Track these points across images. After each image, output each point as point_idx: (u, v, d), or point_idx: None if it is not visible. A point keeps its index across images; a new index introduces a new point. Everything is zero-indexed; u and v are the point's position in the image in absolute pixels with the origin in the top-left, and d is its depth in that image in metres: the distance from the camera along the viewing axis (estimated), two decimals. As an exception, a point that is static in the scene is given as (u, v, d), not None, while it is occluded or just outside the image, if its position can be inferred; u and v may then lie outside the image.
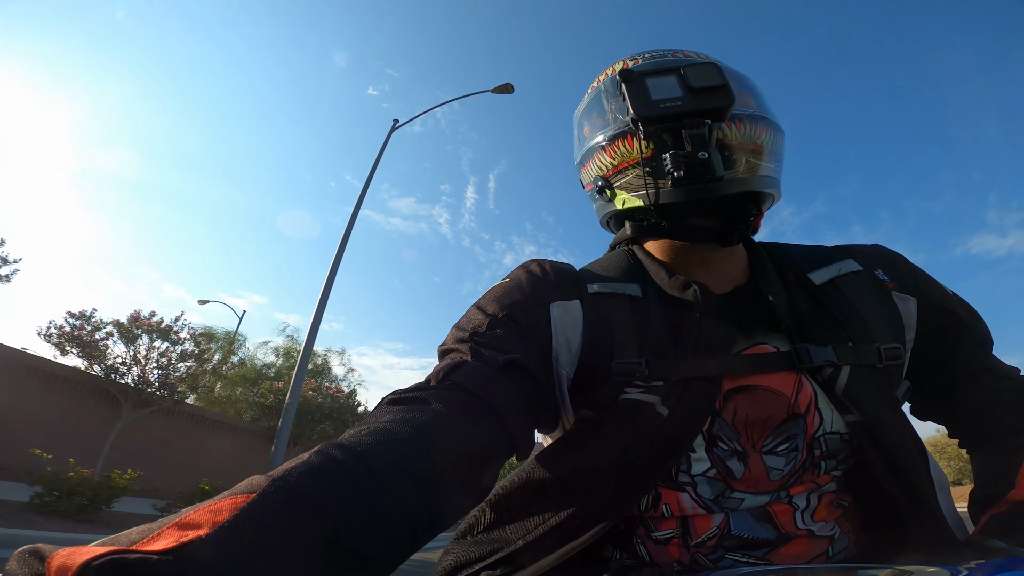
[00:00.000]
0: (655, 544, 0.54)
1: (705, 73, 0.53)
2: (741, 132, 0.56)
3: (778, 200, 0.63)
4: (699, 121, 0.52)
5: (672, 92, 0.53)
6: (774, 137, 0.59)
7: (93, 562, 0.24)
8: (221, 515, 0.29)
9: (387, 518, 0.34)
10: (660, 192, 0.56)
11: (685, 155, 0.51)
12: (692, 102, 0.52)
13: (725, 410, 0.53)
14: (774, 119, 0.60)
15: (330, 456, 0.35)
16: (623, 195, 0.60)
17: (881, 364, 0.54)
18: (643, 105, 0.53)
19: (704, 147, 0.51)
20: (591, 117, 0.65)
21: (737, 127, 0.56)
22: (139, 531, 0.29)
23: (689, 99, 0.52)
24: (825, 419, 0.53)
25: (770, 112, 0.61)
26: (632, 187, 0.59)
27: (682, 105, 0.52)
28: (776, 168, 0.60)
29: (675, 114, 0.52)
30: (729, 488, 0.53)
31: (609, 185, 0.62)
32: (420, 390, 0.45)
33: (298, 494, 0.31)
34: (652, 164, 0.56)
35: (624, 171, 0.59)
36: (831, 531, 0.53)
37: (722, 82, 0.52)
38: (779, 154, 0.60)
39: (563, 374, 0.56)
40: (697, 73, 0.53)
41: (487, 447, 0.45)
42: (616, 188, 0.61)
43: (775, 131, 0.60)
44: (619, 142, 0.58)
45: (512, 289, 0.58)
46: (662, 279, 0.60)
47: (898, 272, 0.62)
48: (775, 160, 0.59)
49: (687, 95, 0.53)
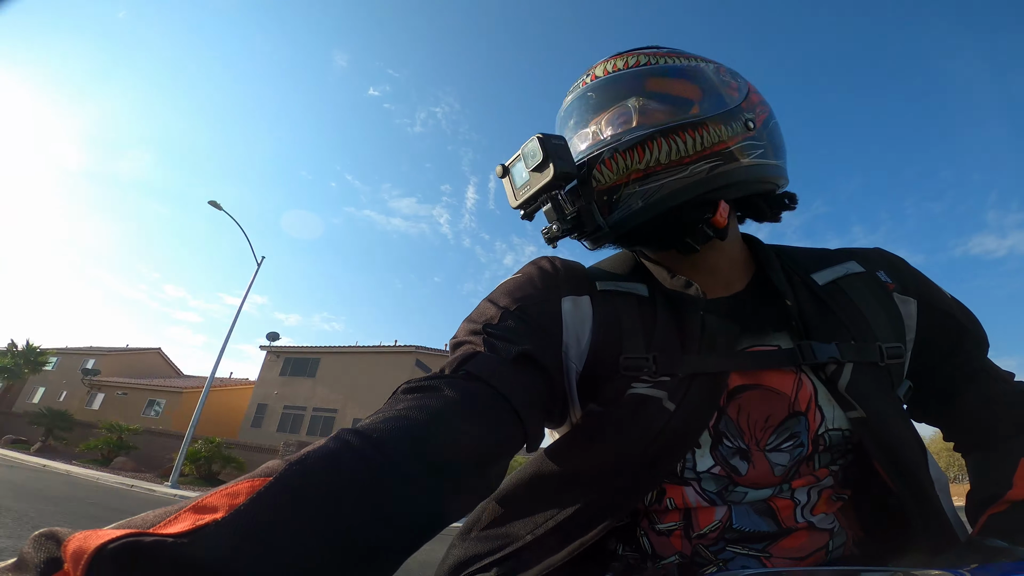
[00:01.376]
0: (657, 535, 0.55)
1: (531, 153, 0.54)
2: (613, 169, 0.56)
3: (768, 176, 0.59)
4: (546, 197, 0.56)
5: (522, 178, 0.56)
6: (675, 145, 0.55)
7: (108, 545, 0.24)
8: (238, 498, 0.29)
9: (401, 505, 0.34)
10: (582, 241, 0.61)
11: (548, 230, 0.59)
12: (534, 182, 0.55)
13: (730, 407, 0.54)
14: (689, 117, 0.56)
15: (346, 441, 0.35)
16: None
17: (883, 363, 0.55)
18: (511, 200, 0.58)
19: (554, 219, 0.57)
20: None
21: (608, 167, 0.56)
22: (156, 514, 0.29)
23: (533, 180, 0.55)
24: (826, 416, 0.53)
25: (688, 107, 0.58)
26: None
27: (530, 189, 0.55)
28: (696, 170, 0.55)
29: (526, 200, 0.56)
30: (732, 483, 0.53)
31: None
32: (434, 379, 0.45)
33: (314, 478, 0.32)
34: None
35: None
36: (831, 524, 0.54)
37: (542, 157, 0.53)
38: (691, 155, 0.55)
39: (572, 368, 0.56)
40: (528, 155, 0.55)
41: (500, 436, 0.45)
42: None
43: (681, 134, 0.55)
44: None
45: (524, 283, 0.59)
46: (665, 279, 0.61)
47: (899, 274, 0.63)
48: (682, 168, 0.55)
49: (530, 177, 0.55)
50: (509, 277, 0.62)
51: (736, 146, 0.57)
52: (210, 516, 0.28)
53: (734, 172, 0.57)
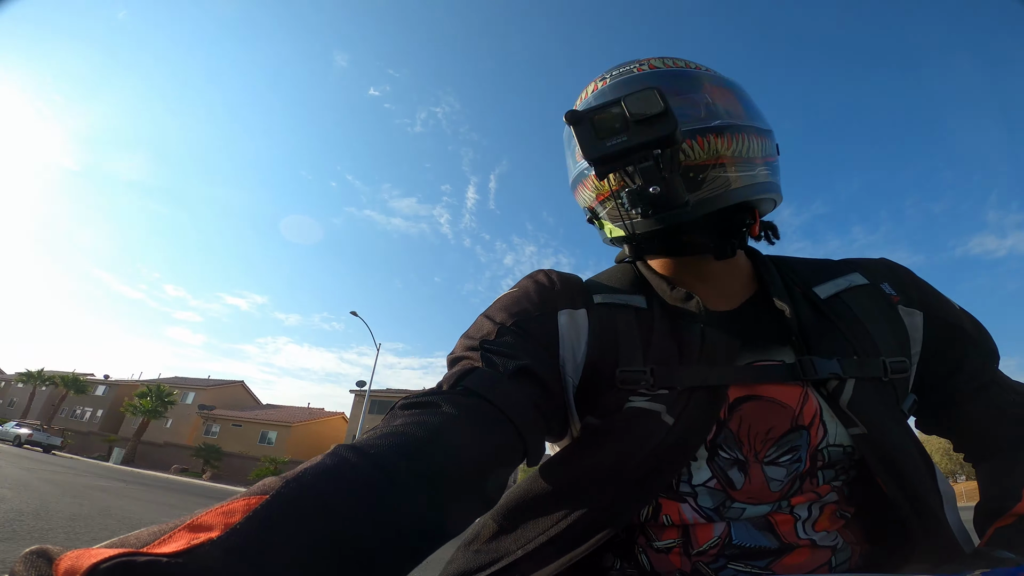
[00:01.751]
0: (656, 553, 0.54)
1: (645, 101, 0.50)
2: (706, 148, 0.55)
3: (780, 203, 0.62)
4: (647, 154, 0.50)
5: (617, 127, 0.51)
6: (751, 142, 0.58)
7: (101, 565, 0.24)
8: (233, 517, 0.29)
9: (400, 521, 0.34)
10: (635, 223, 0.56)
11: (638, 192, 0.51)
12: (636, 135, 0.50)
13: (731, 420, 0.53)
14: (751, 122, 0.59)
15: (343, 458, 0.35)
16: (608, 225, 0.62)
17: (886, 378, 0.54)
18: (591, 148, 0.51)
19: (655, 180, 0.50)
20: (571, 146, 0.65)
21: (700, 144, 0.55)
22: (150, 532, 0.28)
23: (634, 132, 0.50)
24: (829, 432, 0.53)
25: (751, 115, 0.59)
26: (613, 217, 0.60)
27: (627, 140, 0.50)
28: (761, 172, 0.58)
29: (620, 151, 0.50)
30: (730, 498, 0.53)
31: (596, 215, 0.63)
32: (432, 395, 0.45)
33: (311, 496, 0.31)
34: (621, 197, 0.55)
35: (604, 202, 0.60)
36: (833, 541, 0.53)
37: (662, 108, 0.50)
38: (758, 157, 0.58)
39: (569, 382, 0.56)
40: (637, 102, 0.51)
41: (499, 452, 0.45)
42: (601, 218, 0.63)
43: (752, 135, 0.58)
44: (592, 176, 0.59)
45: (520, 298, 0.59)
46: (664, 292, 0.61)
47: (904, 286, 0.62)
48: (753, 166, 0.58)
49: (631, 128, 0.51)
50: (506, 292, 0.62)
51: (774, 163, 0.61)
52: (205, 535, 0.27)
53: (774, 185, 0.61)
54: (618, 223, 0.59)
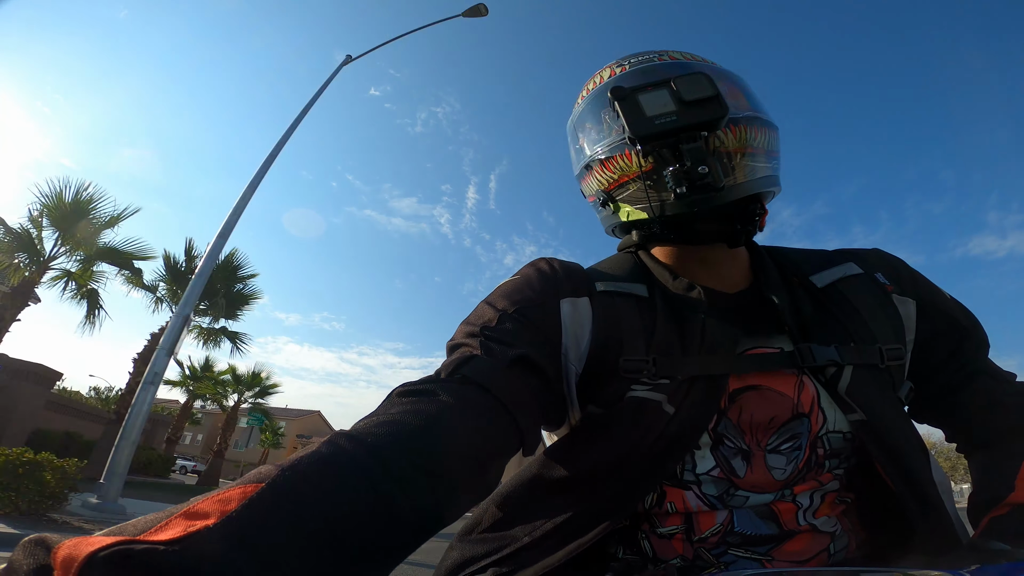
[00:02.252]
0: (659, 539, 0.55)
1: (696, 84, 0.53)
2: (737, 137, 0.56)
3: (778, 193, 0.63)
4: (695, 134, 0.52)
5: (665, 107, 0.53)
6: (768, 135, 0.59)
7: (99, 553, 0.24)
8: (230, 504, 0.29)
9: (396, 509, 0.34)
10: (664, 204, 0.56)
11: (685, 171, 0.51)
12: (686, 116, 0.52)
13: (731, 410, 0.54)
14: (767, 117, 0.60)
15: (339, 446, 0.35)
16: (627, 208, 0.61)
17: (883, 364, 0.55)
18: (638, 124, 0.52)
19: (703, 161, 0.51)
20: (585, 129, 0.65)
21: (732, 133, 0.56)
22: (147, 520, 0.28)
23: (683, 113, 0.52)
24: (828, 418, 0.53)
25: (762, 109, 0.61)
26: (635, 200, 0.59)
27: (677, 120, 0.52)
28: (774, 165, 0.61)
29: (670, 130, 0.52)
30: (734, 486, 0.53)
31: (612, 199, 0.62)
32: (430, 383, 0.45)
33: (307, 484, 0.31)
34: (652, 178, 0.56)
35: (625, 184, 0.59)
36: (833, 527, 0.54)
37: (714, 92, 0.52)
38: (775, 151, 0.61)
39: (571, 370, 0.56)
40: (688, 85, 0.53)
41: (496, 441, 0.45)
42: (619, 201, 0.62)
43: (769, 129, 0.60)
44: (618, 157, 0.58)
45: (522, 286, 0.59)
46: (667, 281, 0.61)
47: (898, 275, 0.63)
48: (771, 158, 0.60)
49: (680, 109, 0.52)
50: (507, 279, 0.62)
51: (779, 157, 0.62)
52: (201, 522, 0.27)
53: (779, 178, 0.62)
54: (639, 206, 0.59)
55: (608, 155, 0.60)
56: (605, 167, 0.61)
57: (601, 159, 0.61)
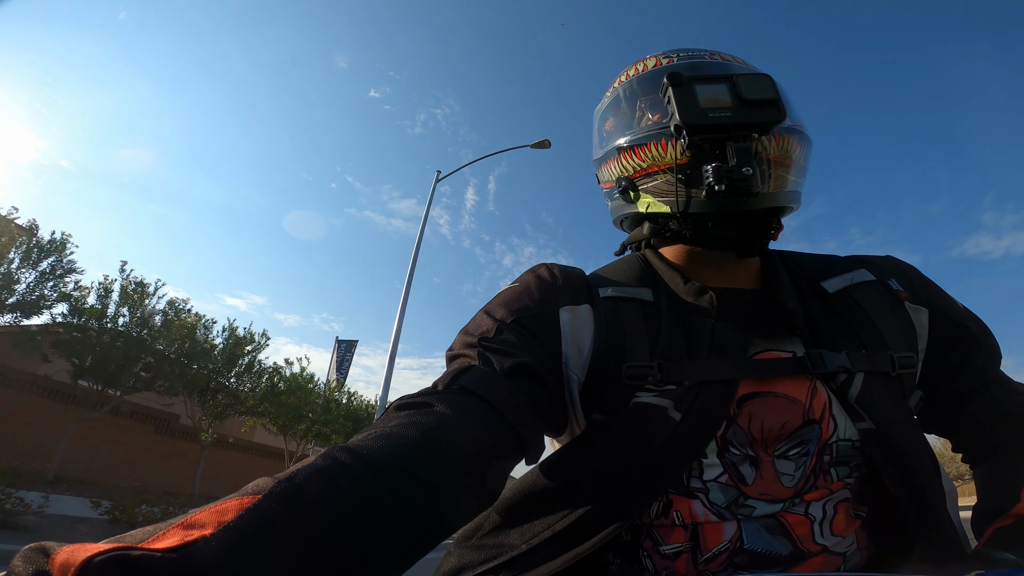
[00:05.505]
0: (662, 559, 0.53)
1: (758, 84, 0.52)
2: (780, 147, 0.55)
3: (796, 210, 0.62)
4: (746, 134, 0.51)
5: (722, 101, 0.51)
6: (805, 150, 0.59)
7: (96, 558, 0.24)
8: (227, 515, 0.29)
9: (393, 522, 0.34)
10: (691, 200, 0.55)
11: (729, 169, 0.50)
12: (742, 114, 0.51)
13: (740, 416, 0.52)
14: (806, 131, 0.60)
15: (336, 459, 0.35)
16: (648, 199, 0.60)
17: (894, 372, 0.54)
18: (691, 113, 0.51)
19: (749, 162, 0.50)
20: (618, 114, 0.64)
21: (776, 141, 0.55)
22: (145, 531, 0.29)
23: (739, 110, 0.51)
24: (839, 426, 0.52)
25: (802, 123, 0.60)
26: (660, 192, 0.58)
27: (731, 116, 0.51)
28: (802, 181, 0.60)
29: (723, 125, 0.51)
30: (742, 495, 0.52)
31: (634, 187, 0.61)
32: (428, 395, 0.45)
33: (304, 496, 0.32)
34: (687, 172, 0.54)
35: (653, 175, 0.58)
36: (847, 547, 0.52)
37: (775, 96, 0.51)
38: (806, 167, 0.60)
39: (574, 378, 0.55)
40: (749, 84, 0.52)
41: (496, 451, 0.45)
42: (641, 191, 0.60)
43: (807, 144, 0.59)
44: (652, 145, 0.57)
45: (521, 294, 0.58)
46: (677, 285, 0.60)
47: (911, 283, 0.63)
48: (802, 174, 0.59)
49: (737, 106, 0.51)
50: (507, 287, 0.61)
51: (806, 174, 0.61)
52: (198, 532, 0.28)
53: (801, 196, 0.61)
54: (663, 198, 0.58)
55: (641, 142, 0.59)
56: (635, 153, 0.60)
57: (632, 146, 0.60)
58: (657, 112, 0.59)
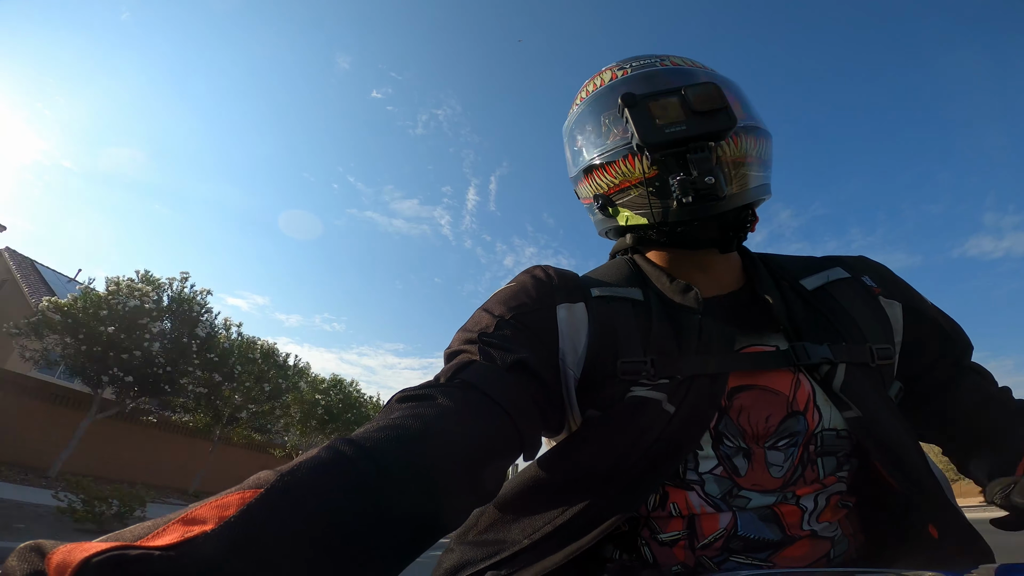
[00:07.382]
0: (660, 546, 0.54)
1: (707, 95, 0.53)
2: (738, 147, 0.57)
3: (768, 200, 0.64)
4: (703, 144, 0.53)
5: (675, 116, 0.53)
6: (764, 144, 0.61)
7: (93, 558, 0.24)
8: (227, 510, 0.28)
9: (395, 515, 0.34)
10: (666, 211, 0.56)
11: (692, 181, 0.52)
12: (695, 125, 0.53)
13: (731, 408, 0.54)
14: (763, 125, 0.62)
15: (339, 452, 0.35)
16: (626, 212, 0.61)
17: (874, 363, 0.56)
18: (649, 132, 0.53)
19: (710, 170, 0.51)
20: (585, 132, 0.66)
21: (734, 143, 0.57)
22: (143, 527, 0.28)
23: (692, 122, 0.53)
24: (824, 416, 0.53)
25: (757, 117, 0.62)
26: (635, 205, 0.60)
27: (687, 130, 0.52)
28: (767, 174, 0.62)
29: (680, 139, 0.53)
30: (736, 486, 0.53)
31: (611, 203, 0.62)
32: (429, 388, 0.45)
33: (306, 490, 0.31)
34: (656, 184, 0.56)
35: (626, 190, 0.60)
36: (833, 532, 0.54)
37: (723, 103, 0.53)
38: (768, 159, 0.62)
39: (570, 375, 0.56)
40: (699, 95, 0.53)
41: (496, 445, 0.45)
42: (619, 206, 0.62)
43: (765, 138, 0.61)
44: (620, 162, 0.59)
45: (518, 292, 0.59)
46: (663, 284, 0.61)
47: (884, 279, 0.66)
48: (765, 167, 0.61)
49: (690, 119, 0.53)
50: (503, 286, 0.62)
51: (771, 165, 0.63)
52: (199, 528, 0.27)
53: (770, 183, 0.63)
54: (639, 211, 0.60)
55: (610, 159, 0.60)
56: (606, 171, 0.61)
57: (602, 163, 0.61)
58: (620, 126, 0.61)
